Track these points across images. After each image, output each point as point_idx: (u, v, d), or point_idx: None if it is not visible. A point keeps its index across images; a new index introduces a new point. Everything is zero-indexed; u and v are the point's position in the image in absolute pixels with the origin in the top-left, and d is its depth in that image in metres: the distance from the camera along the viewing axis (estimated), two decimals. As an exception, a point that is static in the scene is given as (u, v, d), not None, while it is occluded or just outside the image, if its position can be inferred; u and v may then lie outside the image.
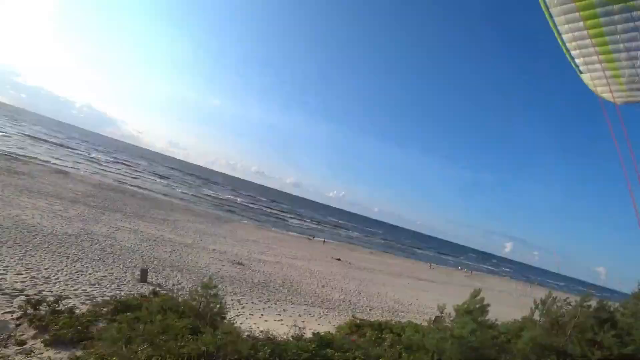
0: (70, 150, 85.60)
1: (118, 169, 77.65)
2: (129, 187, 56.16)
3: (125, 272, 16.54)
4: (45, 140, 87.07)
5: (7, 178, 31.00)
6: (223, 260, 25.41)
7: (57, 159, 61.50)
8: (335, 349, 8.98)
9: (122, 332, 5.99)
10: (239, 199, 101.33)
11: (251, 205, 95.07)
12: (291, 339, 9.45)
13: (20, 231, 17.75)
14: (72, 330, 6.88)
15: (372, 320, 14.31)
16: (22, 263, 13.70)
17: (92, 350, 6.28)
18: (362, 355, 8.59)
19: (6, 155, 46.30)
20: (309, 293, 22.66)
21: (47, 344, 6.52)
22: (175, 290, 15.73)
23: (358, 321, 13.02)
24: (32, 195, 27.35)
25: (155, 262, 19.93)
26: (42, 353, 6.22)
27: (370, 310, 21.75)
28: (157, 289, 14.83)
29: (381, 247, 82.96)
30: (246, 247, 33.59)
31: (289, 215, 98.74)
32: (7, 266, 12.94)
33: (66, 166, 55.77)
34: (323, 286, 25.65)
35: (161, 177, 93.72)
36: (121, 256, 19.01)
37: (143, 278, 16.07)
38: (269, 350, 7.61)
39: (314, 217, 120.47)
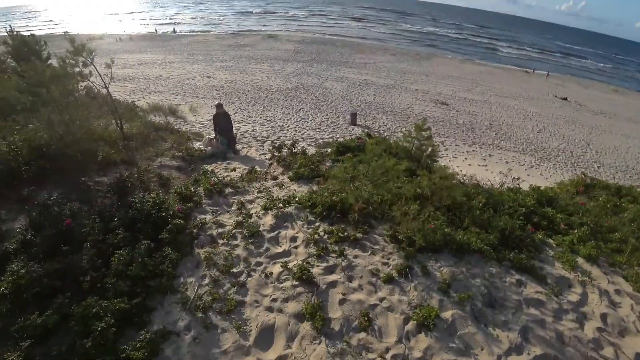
0: (272, 15, 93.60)
1: (315, 21, 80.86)
2: (328, 36, 58.25)
3: (338, 117, 18.23)
4: (251, 12, 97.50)
5: (238, 52, 37.28)
6: (426, 100, 24.39)
7: (264, 25, 68.94)
8: (557, 209, 7.52)
9: (347, 172, 6.53)
10: (440, 30, 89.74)
11: (455, 35, 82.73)
12: (506, 190, 8.45)
13: (257, 92, 21.69)
14: (307, 169, 8.10)
15: (607, 182, 10.92)
16: (263, 116, 16.97)
17: (325, 186, 7.29)
18: (592, 223, 6.82)
19: (232, 33, 55.25)
20: (520, 138, 19.41)
21: (291, 179, 8.00)
22: (381, 132, 16.50)
23: (588, 180, 10.17)
24: (257, 61, 32.27)
25: (362, 105, 21.03)
26: (289, 186, 7.70)
27: (598, 167, 16.91)
28: (366, 130, 15.91)
29: (636, 84, 55.37)
30: (450, 85, 30.79)
31: (501, 43, 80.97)
32: (255, 120, 16.30)
33: (274, 30, 61.97)
34: (539, 131, 21.34)
35: (356, 19, 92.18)
36: (333, 103, 20.88)
37: (353, 121, 17.39)
38: (483, 200, 7.01)
39: (536, 43, 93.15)
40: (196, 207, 6.57)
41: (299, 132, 15.29)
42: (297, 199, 6.81)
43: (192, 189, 7.06)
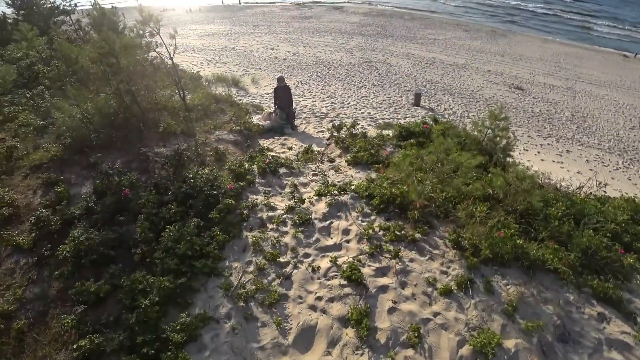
0: None
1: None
2: (396, 9, 55.14)
3: (401, 96, 17.20)
4: None
5: (302, 23, 36.66)
6: (499, 84, 22.15)
7: (331, -4, 66.73)
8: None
9: (412, 163, 5.95)
10: (523, 4, 79.11)
11: (541, 11, 72.82)
12: (592, 198, 7.20)
13: (319, 66, 21.17)
14: (366, 154, 7.60)
15: None
16: (324, 92, 16.52)
17: (384, 174, 6.77)
18: None
19: (297, 4, 54.37)
20: (608, 134, 16.67)
21: (349, 163, 7.56)
22: (447, 115, 15.32)
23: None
24: (321, 34, 31.48)
25: (427, 85, 19.67)
26: (346, 171, 7.29)
27: None
28: (431, 113, 14.85)
29: None
30: (528, 68, 27.56)
31: (597, 21, 69.36)
32: (315, 95, 15.93)
33: (340, 1, 59.84)
34: (631, 128, 18.11)
35: None
36: (396, 81, 19.75)
37: (417, 102, 16.29)
38: (562, 208, 6.03)
39: (642, 22, 79.08)
40: (249, 186, 6.45)
41: (359, 110, 14.69)
42: (353, 187, 6.41)
43: (246, 166, 6.94)
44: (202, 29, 32.98)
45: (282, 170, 7.13)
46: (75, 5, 16.68)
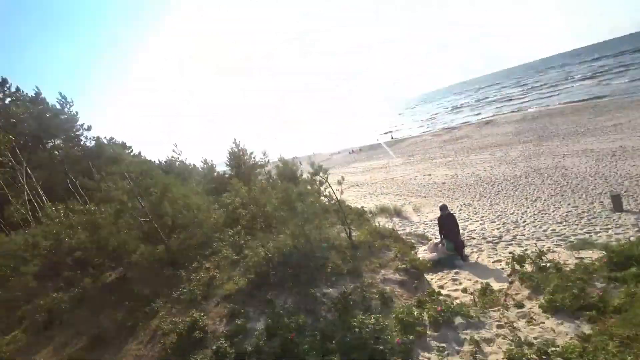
0: (483, 101, 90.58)
1: (534, 94, 72.12)
2: (553, 107, 50.18)
3: (592, 203, 13.93)
4: (462, 104, 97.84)
5: (454, 145, 37.09)
6: None
7: (478, 114, 67.14)
8: None
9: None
10: None
11: None
12: None
13: (481, 184, 19.97)
14: (568, 294, 5.85)
15: None
16: (492, 211, 14.98)
17: (605, 328, 4.93)
18: None
19: (447, 128, 56.60)
20: None
21: (544, 309, 5.88)
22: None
23: None
24: (476, 151, 30.80)
25: (625, 182, 15.52)
26: (542, 321, 5.62)
27: None
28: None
29: None
30: None
31: None
32: (483, 217, 14.52)
33: (489, 116, 59.19)
34: None
35: (585, 77, 75.58)
36: (579, 185, 16.47)
37: (617, 206, 12.66)
38: None
39: None
40: (419, 340, 5.60)
41: (539, 227, 12.39)
42: (559, 349, 4.78)
43: (415, 313, 6.19)
44: (363, 166, 37.01)
45: (458, 319, 6.04)
46: (268, 160, 21.42)
